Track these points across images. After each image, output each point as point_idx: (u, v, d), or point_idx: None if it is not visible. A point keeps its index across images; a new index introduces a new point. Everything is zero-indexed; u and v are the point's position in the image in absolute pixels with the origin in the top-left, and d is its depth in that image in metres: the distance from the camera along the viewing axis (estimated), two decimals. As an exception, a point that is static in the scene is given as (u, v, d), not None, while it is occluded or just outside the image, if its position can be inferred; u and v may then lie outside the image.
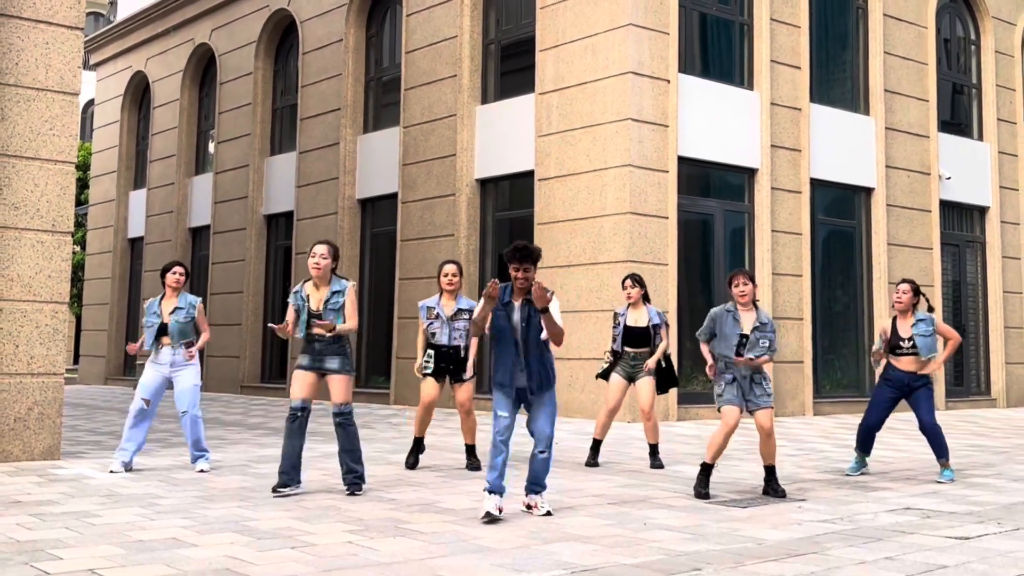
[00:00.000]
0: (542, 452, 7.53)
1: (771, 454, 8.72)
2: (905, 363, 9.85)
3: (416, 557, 6.07)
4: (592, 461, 10.60)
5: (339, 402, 8.60)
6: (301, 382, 8.62)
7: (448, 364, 10.15)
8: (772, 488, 8.64)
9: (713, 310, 9.01)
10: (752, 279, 8.88)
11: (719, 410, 8.81)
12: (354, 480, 8.55)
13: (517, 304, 7.51)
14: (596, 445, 10.70)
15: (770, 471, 8.74)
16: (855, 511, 7.86)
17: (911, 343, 9.78)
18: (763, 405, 8.63)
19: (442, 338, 10.12)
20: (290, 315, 8.73)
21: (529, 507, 7.58)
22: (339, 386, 8.61)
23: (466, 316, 10.10)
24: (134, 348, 10.02)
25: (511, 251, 7.46)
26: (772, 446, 8.71)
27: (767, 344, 8.68)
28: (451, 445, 12.05)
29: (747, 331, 8.70)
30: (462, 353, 10.13)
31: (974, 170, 21.21)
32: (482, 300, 7.42)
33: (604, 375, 10.78)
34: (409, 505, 7.98)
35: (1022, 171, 22.04)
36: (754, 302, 8.87)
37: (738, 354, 8.65)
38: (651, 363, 10.45)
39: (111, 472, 9.68)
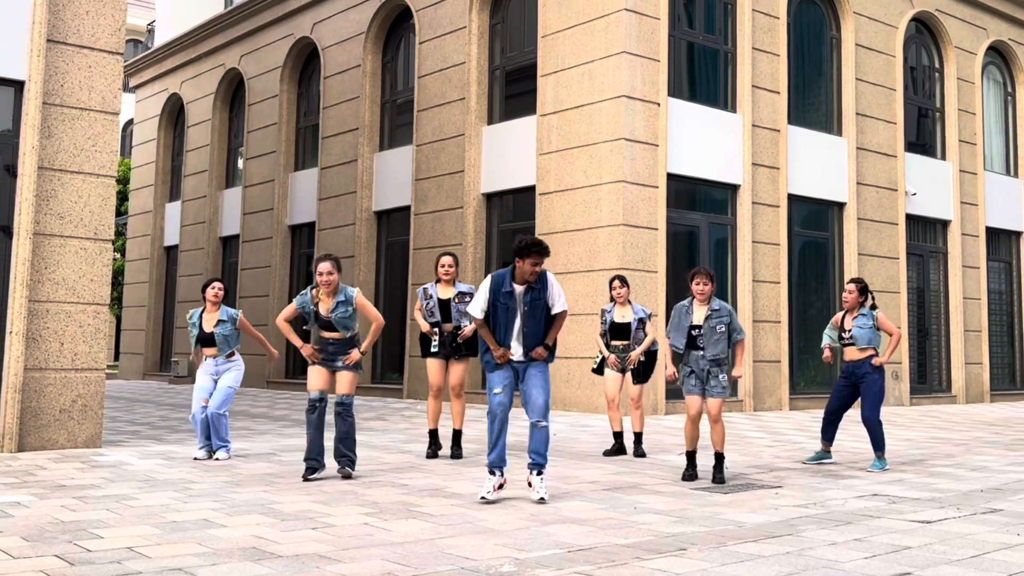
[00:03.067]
0: (538, 421, 7.41)
1: (719, 441, 8.70)
2: (849, 353, 10.00)
3: (426, 537, 6.07)
4: (612, 451, 10.59)
5: (343, 393, 8.71)
6: (318, 376, 8.72)
7: (451, 343, 10.17)
8: (715, 475, 8.63)
9: (676, 305, 9.02)
10: (712, 279, 8.83)
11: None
12: (347, 463, 8.63)
13: (520, 290, 7.51)
14: (617, 437, 10.71)
15: (718, 458, 8.71)
16: (827, 497, 7.85)
17: (850, 335, 9.92)
18: (714, 395, 8.64)
19: (438, 315, 10.16)
20: (290, 309, 8.84)
21: (530, 484, 7.49)
22: (345, 380, 8.71)
23: (467, 300, 10.11)
24: (198, 362, 10.15)
25: (527, 246, 7.38)
26: (719, 432, 8.70)
27: (723, 328, 8.63)
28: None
29: (699, 322, 8.70)
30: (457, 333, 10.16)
31: (937, 187, 21.21)
32: (488, 344, 7.54)
33: (599, 370, 10.81)
34: (420, 490, 7.98)
35: (981, 188, 22.04)
36: (712, 297, 8.84)
37: (692, 345, 8.65)
38: (634, 356, 10.50)
39: (195, 459, 9.79)
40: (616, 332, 10.64)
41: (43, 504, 7.05)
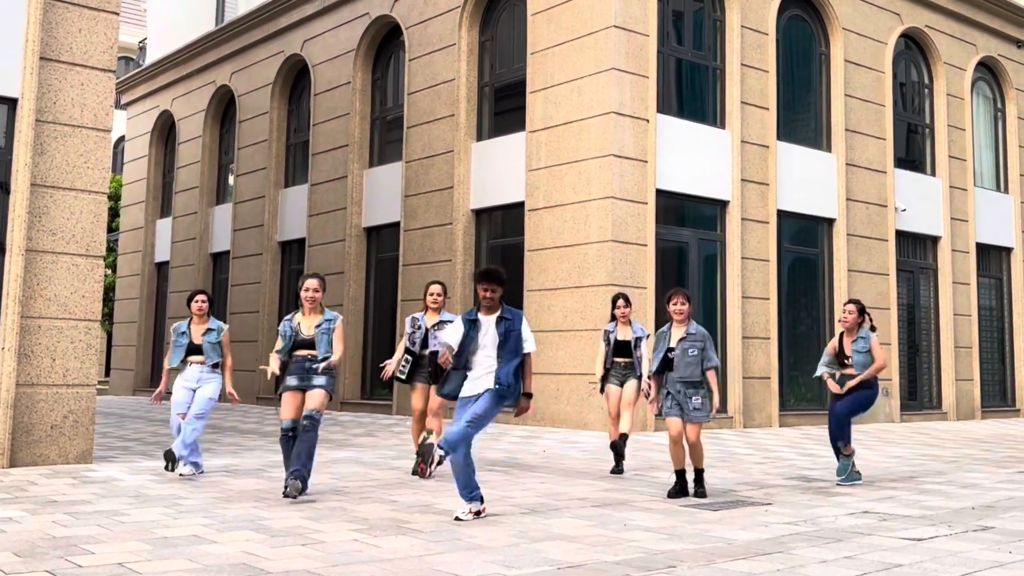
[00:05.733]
0: (468, 422, 7.33)
1: (698, 458, 8.81)
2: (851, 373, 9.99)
3: (416, 554, 6.09)
4: (617, 468, 10.58)
5: (312, 407, 8.54)
6: (290, 404, 8.65)
7: (429, 367, 10.17)
8: (696, 489, 8.74)
9: (658, 331, 9.06)
10: (689, 299, 8.88)
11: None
12: (297, 475, 8.24)
13: (491, 319, 7.56)
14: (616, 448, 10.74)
15: (698, 474, 8.82)
16: (817, 514, 7.88)
17: (851, 360, 9.94)
18: (692, 419, 8.68)
19: (427, 345, 10.22)
20: (279, 342, 8.86)
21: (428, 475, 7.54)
22: (317, 396, 8.59)
23: (445, 326, 10.18)
24: (158, 397, 10.17)
25: (479, 272, 7.65)
26: (698, 452, 8.78)
27: (696, 352, 8.66)
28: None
29: (673, 344, 8.74)
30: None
31: (927, 203, 21.31)
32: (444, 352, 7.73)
33: (602, 390, 10.85)
34: (409, 506, 8.00)
35: (971, 204, 22.16)
36: (690, 320, 8.88)
37: (668, 367, 8.67)
38: (645, 382, 10.44)
39: (180, 475, 9.74)
40: (619, 349, 10.73)
41: (35, 520, 7.05)
